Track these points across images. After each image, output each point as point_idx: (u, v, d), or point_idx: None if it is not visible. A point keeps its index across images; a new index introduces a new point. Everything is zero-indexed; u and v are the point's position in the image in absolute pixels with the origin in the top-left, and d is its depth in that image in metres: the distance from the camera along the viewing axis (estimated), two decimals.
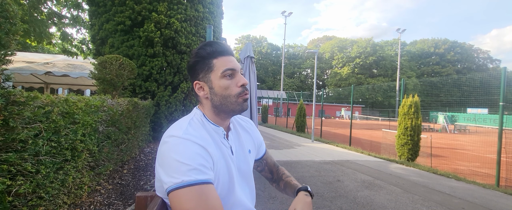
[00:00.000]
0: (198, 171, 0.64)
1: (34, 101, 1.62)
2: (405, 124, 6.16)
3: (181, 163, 0.63)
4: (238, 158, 0.85)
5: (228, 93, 0.77)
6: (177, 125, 0.75)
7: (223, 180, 0.76)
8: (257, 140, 0.98)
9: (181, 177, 0.62)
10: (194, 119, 0.79)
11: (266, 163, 1.05)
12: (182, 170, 0.63)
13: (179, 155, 0.64)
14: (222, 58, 0.78)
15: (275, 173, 1.05)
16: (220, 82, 0.77)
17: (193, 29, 5.92)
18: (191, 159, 0.64)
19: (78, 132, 1.99)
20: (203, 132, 0.75)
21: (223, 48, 0.79)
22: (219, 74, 0.77)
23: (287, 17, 32.16)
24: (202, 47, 0.80)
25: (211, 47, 0.79)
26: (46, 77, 7.80)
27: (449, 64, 52.81)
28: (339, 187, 3.92)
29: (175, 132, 0.70)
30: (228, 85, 0.77)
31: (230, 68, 0.77)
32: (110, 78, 3.75)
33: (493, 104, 14.09)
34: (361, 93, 46.50)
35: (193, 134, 0.71)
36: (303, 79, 60.88)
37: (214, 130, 0.80)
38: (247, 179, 0.88)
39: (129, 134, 3.46)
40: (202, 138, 0.72)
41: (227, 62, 0.78)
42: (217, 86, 0.78)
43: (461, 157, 8.28)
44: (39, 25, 6.26)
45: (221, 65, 0.77)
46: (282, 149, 7.49)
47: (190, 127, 0.73)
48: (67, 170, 1.92)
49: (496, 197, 3.81)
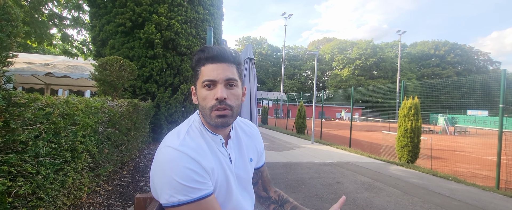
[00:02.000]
0: (194, 189, 0.65)
1: (35, 103, 1.63)
2: (405, 126, 6.17)
3: (178, 182, 0.64)
4: (237, 167, 0.83)
5: (204, 104, 0.73)
6: (175, 133, 0.74)
7: (220, 188, 0.75)
8: (260, 147, 0.95)
9: (178, 196, 0.63)
10: (193, 126, 0.77)
11: (262, 175, 0.98)
12: (179, 189, 0.64)
13: (175, 173, 0.64)
14: (209, 65, 0.72)
15: (273, 193, 0.98)
16: (201, 91, 0.73)
17: (193, 31, 5.94)
18: (187, 178, 0.65)
19: (78, 133, 2.00)
20: (201, 141, 0.74)
21: (212, 54, 0.72)
22: (201, 83, 0.73)
23: (288, 18, 32.26)
24: (194, 53, 0.76)
25: (201, 53, 0.74)
26: (47, 78, 7.82)
27: (449, 66, 52.86)
28: (338, 188, 3.92)
29: (172, 142, 0.70)
30: (205, 96, 0.72)
31: (209, 79, 0.71)
32: (110, 79, 3.76)
33: (493, 106, 14.09)
34: (361, 95, 46.52)
35: (190, 145, 0.70)
36: (303, 80, 60.93)
37: (212, 139, 0.77)
38: (246, 187, 0.87)
39: (129, 135, 3.47)
40: (198, 150, 0.70)
41: (210, 72, 0.71)
42: (199, 96, 0.75)
43: (461, 159, 8.27)
44: (40, 26, 6.28)
45: (204, 74, 0.72)
46: (282, 150, 7.48)
47: (187, 136, 0.73)
48: (67, 171, 1.92)
49: (496, 200, 3.80)
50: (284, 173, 4.74)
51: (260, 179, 0.98)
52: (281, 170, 4.94)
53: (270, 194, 0.97)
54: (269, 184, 0.99)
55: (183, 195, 0.63)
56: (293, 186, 3.93)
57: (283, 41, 30.44)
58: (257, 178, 0.97)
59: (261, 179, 0.98)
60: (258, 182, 0.98)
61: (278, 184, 4.02)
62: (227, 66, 0.73)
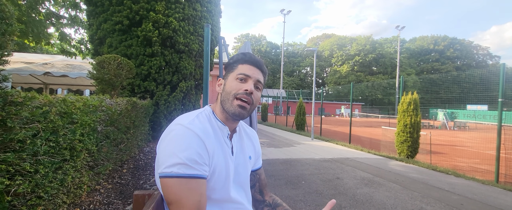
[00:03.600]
0: (190, 167, 0.69)
1: (32, 101, 1.62)
2: (404, 121, 6.17)
3: (178, 157, 0.69)
4: (237, 160, 0.88)
5: (230, 90, 0.82)
6: (186, 115, 0.82)
7: (219, 173, 0.79)
8: (258, 148, 1.01)
9: (172, 168, 0.68)
10: (203, 114, 0.84)
11: (259, 178, 1.02)
12: (175, 162, 0.68)
13: (177, 147, 0.70)
14: (247, 65, 0.85)
15: (268, 197, 1.02)
16: (232, 82, 0.83)
17: (191, 28, 5.91)
18: (187, 156, 0.69)
19: (76, 131, 1.99)
20: (208, 126, 0.80)
21: (254, 60, 0.86)
22: (235, 75, 0.84)
23: (286, 15, 32.13)
24: (238, 54, 0.89)
25: (243, 56, 0.87)
26: (45, 78, 7.80)
27: (449, 61, 52.79)
28: (338, 184, 3.93)
29: (181, 121, 0.77)
30: (235, 86, 0.82)
31: (245, 74, 0.83)
32: (108, 78, 3.75)
33: (493, 100, 14.08)
34: (360, 91, 46.51)
35: (198, 125, 0.76)
36: (303, 77, 60.85)
37: (220, 127, 0.84)
38: (243, 184, 0.90)
39: (128, 133, 3.46)
40: (204, 130, 0.76)
41: (247, 70, 0.84)
42: (228, 84, 0.84)
43: (461, 153, 8.29)
44: (37, 25, 6.24)
45: (241, 69, 0.84)
46: (282, 147, 7.50)
47: (197, 119, 0.79)
48: (66, 169, 1.92)
49: (495, 193, 3.82)
50: (284, 169, 4.75)
51: (258, 181, 1.02)
52: (281, 167, 4.95)
53: (265, 198, 1.02)
54: (265, 188, 1.04)
55: (177, 168, 0.68)
56: (293, 182, 3.94)
57: (282, 38, 30.33)
58: (255, 181, 1.01)
59: (258, 182, 1.02)
60: (256, 185, 1.02)
61: (278, 180, 4.03)
62: (260, 72, 0.87)
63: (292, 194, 3.41)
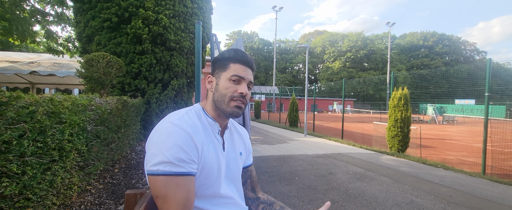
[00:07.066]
0: (176, 165, 0.70)
1: (17, 101, 1.57)
2: (395, 116, 6.27)
3: (163, 154, 0.69)
4: (229, 156, 0.89)
5: (225, 93, 0.83)
6: (175, 112, 0.82)
7: (210, 168, 0.79)
8: (248, 145, 1.03)
9: (158, 167, 0.69)
10: (193, 110, 0.85)
11: (250, 175, 1.03)
12: (161, 160, 0.69)
13: (163, 145, 0.70)
14: (239, 65, 0.85)
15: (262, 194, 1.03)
16: (226, 82, 0.84)
17: (182, 25, 5.83)
18: (173, 155, 0.69)
19: (65, 131, 1.94)
20: (197, 121, 0.80)
21: (246, 59, 0.87)
22: (228, 76, 0.84)
23: (278, 12, 32.02)
24: (229, 50, 0.89)
25: (234, 53, 0.87)
26: (32, 77, 7.58)
27: (438, 57, 53.84)
28: (331, 179, 3.98)
29: (170, 118, 0.77)
30: (229, 87, 0.83)
31: (239, 75, 0.84)
32: (97, 76, 3.67)
33: (480, 95, 14.46)
34: (352, 87, 47.02)
35: (187, 120, 0.77)
36: (295, 74, 61.07)
37: (210, 124, 0.84)
38: (235, 180, 0.90)
39: (119, 132, 3.41)
40: (193, 126, 0.77)
41: (240, 70, 0.85)
42: (221, 85, 0.84)
43: (450, 147, 8.50)
44: (22, 23, 6.03)
45: (234, 70, 0.84)
46: (275, 143, 7.52)
47: (186, 115, 0.80)
48: (55, 170, 1.88)
49: (482, 185, 3.93)
50: (277, 166, 4.78)
51: (249, 178, 1.03)
52: (275, 163, 4.97)
53: (259, 195, 1.02)
54: (256, 185, 1.05)
55: (163, 166, 0.69)
56: (287, 178, 3.96)
57: (275, 35, 30.28)
58: (246, 177, 1.02)
59: (249, 179, 1.03)
60: (247, 182, 1.03)
61: (272, 177, 4.04)
62: (251, 72, 0.89)
63: (286, 190, 3.43)
